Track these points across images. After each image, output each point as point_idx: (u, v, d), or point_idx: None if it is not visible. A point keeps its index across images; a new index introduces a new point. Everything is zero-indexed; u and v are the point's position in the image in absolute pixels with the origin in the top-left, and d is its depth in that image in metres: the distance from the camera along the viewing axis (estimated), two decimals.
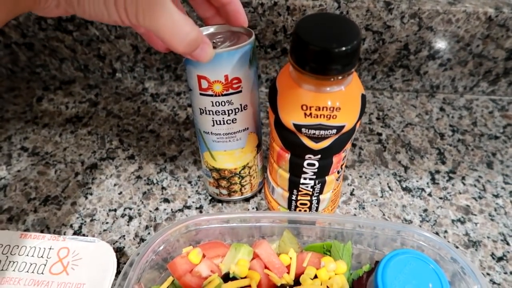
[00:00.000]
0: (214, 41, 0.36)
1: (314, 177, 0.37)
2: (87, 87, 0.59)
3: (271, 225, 0.38)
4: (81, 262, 0.34)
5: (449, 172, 0.49)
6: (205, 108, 0.37)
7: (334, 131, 0.32)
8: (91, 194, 0.46)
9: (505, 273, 0.40)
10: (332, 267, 0.35)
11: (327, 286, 0.34)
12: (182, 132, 0.53)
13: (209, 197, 0.46)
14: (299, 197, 0.40)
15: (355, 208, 0.45)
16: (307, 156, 0.35)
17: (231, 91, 0.36)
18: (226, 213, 0.43)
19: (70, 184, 0.47)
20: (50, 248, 0.35)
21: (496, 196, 0.46)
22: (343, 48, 0.28)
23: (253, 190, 0.45)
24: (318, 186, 0.39)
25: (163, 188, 0.47)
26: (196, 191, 0.47)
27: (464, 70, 0.55)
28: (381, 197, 0.46)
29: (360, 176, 0.48)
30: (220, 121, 0.38)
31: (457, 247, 0.42)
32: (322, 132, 0.32)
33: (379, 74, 0.57)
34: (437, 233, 0.43)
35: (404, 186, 0.47)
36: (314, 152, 0.35)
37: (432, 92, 0.59)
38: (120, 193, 0.46)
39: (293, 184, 0.39)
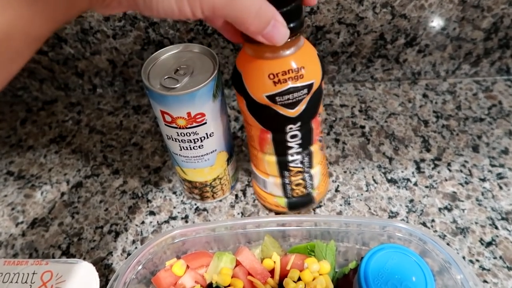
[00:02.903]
0: (178, 68, 0.36)
1: (300, 149, 0.38)
2: (70, 105, 0.60)
3: (257, 230, 0.38)
4: (64, 284, 0.34)
5: (434, 159, 0.48)
6: (171, 136, 0.38)
7: (305, 90, 0.33)
8: (77, 213, 0.47)
9: (495, 258, 0.40)
10: (315, 267, 0.35)
11: None
12: (165, 143, 0.53)
13: (194, 206, 0.46)
14: (292, 179, 0.40)
15: (341, 205, 0.45)
16: (288, 128, 0.36)
17: (195, 124, 0.36)
18: (211, 222, 0.43)
19: (56, 205, 0.48)
20: (33, 273, 0.35)
21: (483, 180, 0.46)
22: (288, 7, 0.29)
23: (225, 194, 0.46)
24: (307, 159, 0.39)
25: (148, 201, 0.47)
26: (181, 201, 0.47)
27: (444, 55, 0.55)
28: (366, 191, 0.46)
29: (345, 172, 0.48)
30: (186, 147, 0.38)
31: (444, 236, 0.41)
32: (295, 94, 0.33)
33: (359, 66, 0.56)
34: (424, 223, 0.43)
35: (389, 178, 0.47)
36: (293, 121, 0.35)
37: (414, 79, 0.58)
38: (106, 209, 0.47)
39: (283, 166, 0.39)
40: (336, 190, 0.46)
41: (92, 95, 0.61)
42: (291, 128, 0.36)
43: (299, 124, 0.36)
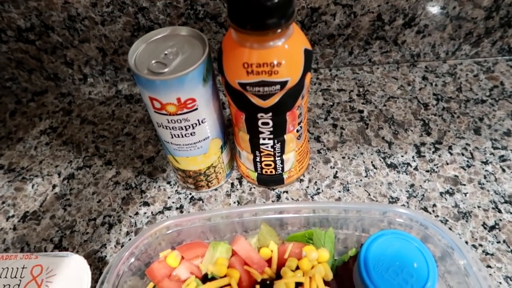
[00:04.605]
0: (166, 53, 0.34)
1: (272, 136, 0.38)
2: (60, 96, 0.58)
3: (254, 218, 0.37)
4: (55, 278, 0.33)
5: (435, 143, 0.47)
6: (162, 123, 0.36)
7: (278, 86, 0.33)
8: (69, 205, 0.45)
9: (498, 242, 0.39)
10: (313, 256, 0.34)
11: (310, 277, 0.33)
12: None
13: (189, 196, 0.45)
14: (262, 158, 0.41)
15: (339, 191, 0.44)
16: (259, 115, 0.36)
17: (185, 110, 0.35)
18: (206, 212, 0.41)
19: (48, 198, 0.46)
20: (23, 267, 0.34)
21: (485, 163, 0.45)
22: (275, 1, 0.28)
23: (220, 182, 0.45)
24: (278, 145, 0.39)
25: (142, 191, 0.46)
26: (176, 191, 0.45)
27: (443, 35, 0.53)
28: (366, 176, 0.45)
29: (343, 157, 0.47)
30: (178, 134, 0.37)
31: (446, 221, 0.40)
32: (266, 88, 0.33)
33: (356, 49, 0.55)
34: (425, 208, 0.41)
35: (388, 162, 0.46)
36: (264, 110, 0.35)
37: (413, 62, 0.56)
38: (99, 201, 0.45)
39: (254, 145, 0.40)
40: (335, 176, 0.45)
41: (82, 85, 0.59)
42: (262, 116, 0.36)
43: (270, 114, 0.35)
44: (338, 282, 0.34)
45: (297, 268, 0.34)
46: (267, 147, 0.39)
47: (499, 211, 0.41)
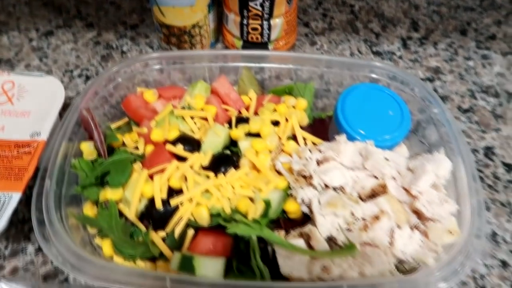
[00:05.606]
0: None
1: None
2: None
3: (236, 65, 0.36)
4: (27, 94, 0.33)
5: (421, 38, 0.47)
6: None
7: None
8: (46, 57, 0.44)
9: (471, 122, 0.40)
10: (291, 102, 0.34)
11: (286, 119, 0.33)
12: (144, 4, 0.50)
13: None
14: (250, 21, 0.40)
15: None
16: None
17: None
18: (189, 51, 0.41)
19: (23, 49, 0.45)
20: None
21: (468, 58, 0.45)
22: None
23: (204, 49, 0.43)
24: (268, 4, 0.39)
25: (123, 52, 0.45)
26: None
27: None
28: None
29: (330, 42, 0.46)
30: None
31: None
32: None
33: None
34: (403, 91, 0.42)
35: (374, 50, 0.46)
36: None
37: None
38: (77, 56, 0.44)
39: (243, 2, 0.39)
40: None
41: None
42: None
43: None
44: (313, 132, 0.35)
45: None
46: (256, 4, 0.39)
47: (475, 98, 0.42)
